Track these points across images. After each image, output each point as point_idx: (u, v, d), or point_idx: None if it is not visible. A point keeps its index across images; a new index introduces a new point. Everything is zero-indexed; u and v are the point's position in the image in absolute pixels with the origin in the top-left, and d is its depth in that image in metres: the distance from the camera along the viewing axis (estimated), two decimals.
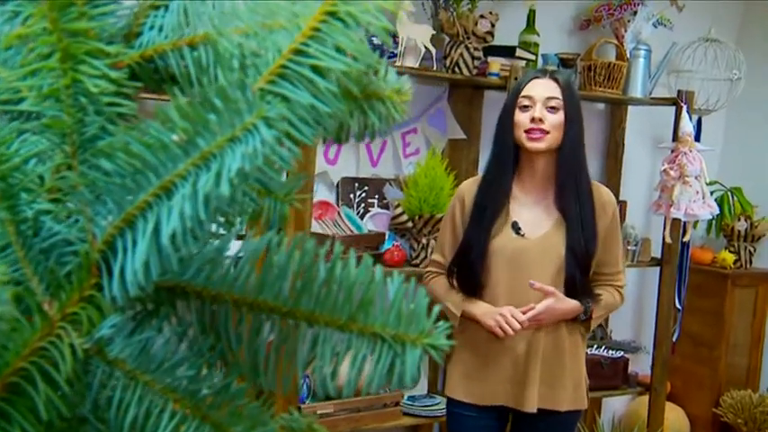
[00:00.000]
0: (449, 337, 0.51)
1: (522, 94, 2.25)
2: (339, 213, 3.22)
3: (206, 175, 0.45)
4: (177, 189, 0.46)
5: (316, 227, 3.04)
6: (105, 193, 0.49)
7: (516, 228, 2.27)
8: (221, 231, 0.53)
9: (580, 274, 2.25)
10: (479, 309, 2.25)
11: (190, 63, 0.56)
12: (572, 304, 2.25)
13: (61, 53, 0.51)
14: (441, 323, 0.51)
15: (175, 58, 0.57)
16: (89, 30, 0.53)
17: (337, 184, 3.28)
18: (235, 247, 0.56)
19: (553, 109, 2.23)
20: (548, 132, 2.22)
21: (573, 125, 2.24)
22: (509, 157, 2.27)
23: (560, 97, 2.24)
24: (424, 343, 0.50)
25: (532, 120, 2.21)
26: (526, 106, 2.24)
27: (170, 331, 0.53)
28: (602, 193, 2.35)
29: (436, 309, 0.53)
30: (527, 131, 2.23)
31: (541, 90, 2.24)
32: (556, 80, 2.26)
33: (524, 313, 2.19)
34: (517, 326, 2.18)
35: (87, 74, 0.51)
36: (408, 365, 0.50)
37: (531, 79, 2.28)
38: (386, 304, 0.51)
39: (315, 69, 0.49)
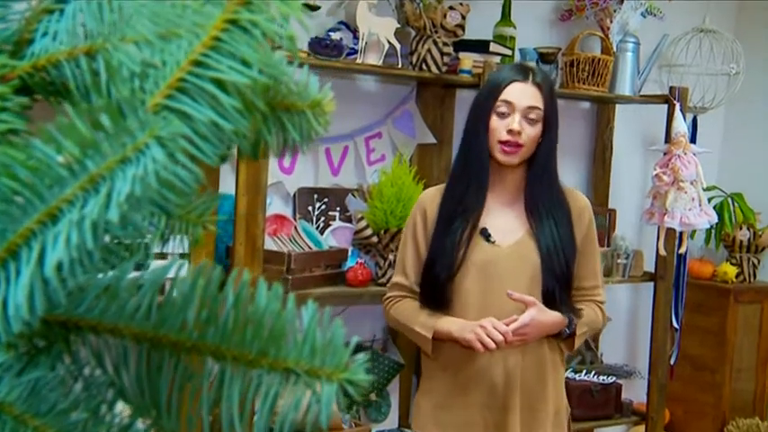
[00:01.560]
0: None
1: (501, 97, 2.25)
2: (296, 228, 3.22)
3: (94, 199, 0.46)
4: (64, 215, 0.47)
5: (270, 243, 3.05)
6: None
7: (486, 235, 2.28)
8: (120, 258, 0.55)
9: (559, 286, 2.26)
10: (454, 324, 2.23)
11: (86, 74, 0.57)
12: (556, 316, 2.24)
13: None
14: (359, 355, 0.53)
15: (71, 69, 0.59)
16: None
17: (294, 196, 3.29)
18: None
19: (533, 120, 2.24)
20: (522, 146, 2.24)
21: (549, 137, 2.28)
22: (485, 165, 2.27)
23: (542, 108, 2.25)
24: (341, 378, 0.52)
25: (510, 131, 2.23)
26: (503, 112, 2.25)
27: (64, 370, 0.54)
28: (578, 198, 2.38)
29: (354, 340, 0.54)
30: (501, 142, 2.24)
31: (523, 98, 2.24)
32: (539, 87, 2.26)
33: (507, 325, 2.17)
34: (500, 338, 2.15)
35: None
36: (324, 403, 0.52)
37: (512, 81, 2.26)
38: (299, 336, 0.52)
39: (216, 82, 0.50)
